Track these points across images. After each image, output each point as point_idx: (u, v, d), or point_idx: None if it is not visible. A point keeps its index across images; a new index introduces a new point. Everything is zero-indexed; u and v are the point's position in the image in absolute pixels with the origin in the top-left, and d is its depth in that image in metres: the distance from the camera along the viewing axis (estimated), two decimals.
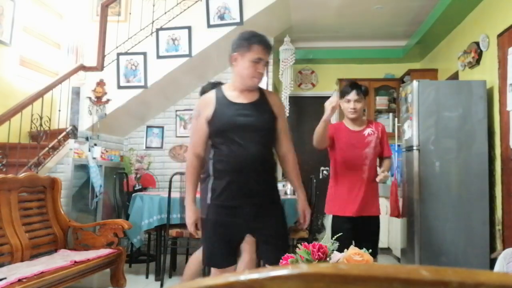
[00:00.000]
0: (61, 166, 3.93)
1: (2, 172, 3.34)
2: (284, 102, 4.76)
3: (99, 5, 4.84)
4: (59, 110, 4.21)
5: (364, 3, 4.45)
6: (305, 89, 6.04)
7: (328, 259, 1.22)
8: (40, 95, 3.87)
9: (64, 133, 4.06)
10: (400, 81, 5.59)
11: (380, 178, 2.62)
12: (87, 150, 4.13)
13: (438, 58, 5.18)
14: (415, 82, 3.72)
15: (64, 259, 2.88)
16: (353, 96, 2.64)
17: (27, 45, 4.96)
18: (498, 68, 3.50)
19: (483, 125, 3.56)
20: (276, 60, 5.06)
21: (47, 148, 3.85)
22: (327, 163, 2.79)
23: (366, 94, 2.74)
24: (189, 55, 4.44)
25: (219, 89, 2.10)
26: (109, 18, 4.72)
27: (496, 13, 3.56)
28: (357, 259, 1.20)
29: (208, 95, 2.10)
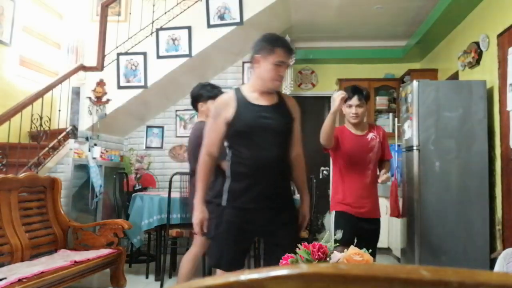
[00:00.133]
0: (61, 166, 3.93)
1: (2, 172, 3.34)
2: None
3: (99, 5, 4.84)
4: (59, 110, 4.21)
5: (364, 3, 4.45)
6: (305, 89, 6.04)
7: (328, 259, 1.22)
8: (40, 95, 3.87)
9: (64, 133, 4.06)
10: (400, 81, 5.59)
11: (383, 180, 2.66)
12: (87, 150, 4.13)
13: (438, 58, 5.18)
14: (415, 82, 3.72)
15: (64, 259, 2.88)
16: (355, 101, 2.63)
17: (27, 45, 4.96)
18: (498, 68, 3.50)
19: (483, 125, 3.56)
20: None
21: (47, 148, 3.85)
22: (327, 163, 2.81)
23: (368, 99, 2.74)
24: (189, 55, 4.44)
25: (238, 90, 2.07)
26: (109, 18, 4.72)
27: (496, 13, 3.56)
28: (357, 259, 1.20)
29: (227, 95, 2.07)
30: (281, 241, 1.98)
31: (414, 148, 3.63)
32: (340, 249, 1.52)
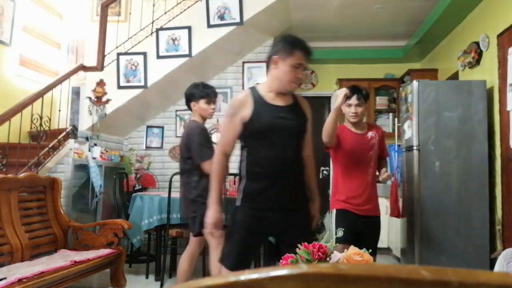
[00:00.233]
0: (61, 166, 3.93)
1: (2, 172, 3.34)
2: None
3: (99, 5, 4.84)
4: (59, 110, 4.21)
5: (364, 3, 4.45)
6: (305, 89, 6.04)
7: (328, 259, 1.22)
8: (40, 95, 3.87)
9: (64, 133, 4.06)
10: (400, 81, 5.59)
11: (384, 178, 2.69)
12: (87, 150, 4.13)
13: (438, 58, 5.18)
14: (415, 82, 3.72)
15: (64, 259, 2.88)
16: (354, 101, 2.64)
17: (27, 45, 4.96)
18: (498, 68, 3.50)
19: (483, 125, 3.56)
20: None
21: (47, 148, 3.85)
22: (327, 163, 2.81)
23: (367, 98, 2.75)
24: (189, 55, 4.44)
25: (254, 89, 2.04)
26: (109, 18, 4.72)
27: (496, 13, 3.56)
28: (357, 259, 1.20)
29: (243, 94, 2.04)
30: (296, 241, 1.97)
31: (414, 148, 3.63)
32: (340, 249, 1.52)
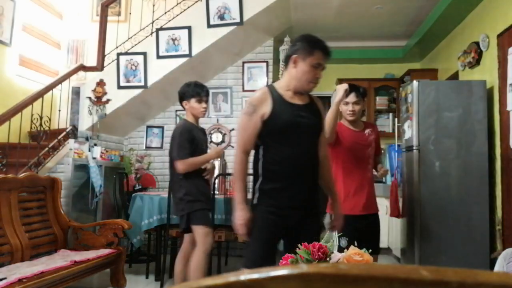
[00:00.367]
0: (61, 166, 3.93)
1: (2, 172, 3.34)
2: None
3: (99, 5, 4.84)
4: (59, 110, 4.21)
5: (364, 3, 4.45)
6: None
7: (328, 259, 1.22)
8: (40, 95, 3.87)
9: (64, 133, 4.06)
10: (400, 81, 5.59)
11: (381, 173, 2.74)
12: (87, 150, 4.13)
13: (438, 58, 5.18)
14: (415, 82, 3.72)
15: (64, 259, 2.89)
16: (352, 99, 2.64)
17: (27, 45, 4.96)
18: (498, 68, 3.50)
19: (483, 125, 3.56)
20: (276, 60, 5.06)
21: (47, 148, 3.85)
22: None
23: (365, 96, 2.75)
24: (189, 55, 4.44)
25: (272, 87, 2.02)
26: (109, 18, 4.72)
27: (496, 13, 3.56)
28: (357, 259, 1.19)
29: (262, 92, 2.00)
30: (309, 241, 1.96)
31: (414, 148, 3.63)
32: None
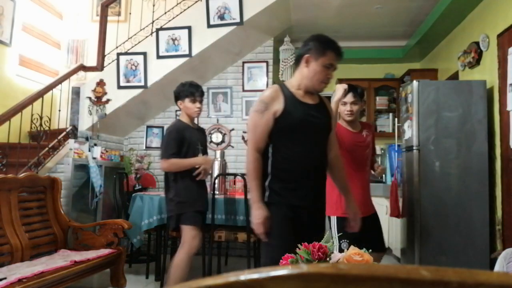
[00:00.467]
0: (61, 166, 3.93)
1: (2, 172, 3.34)
2: None
3: (99, 5, 4.84)
4: (59, 110, 4.21)
5: (364, 3, 4.45)
6: None
7: (328, 259, 1.22)
8: (40, 95, 3.87)
9: (64, 133, 4.06)
10: (400, 81, 5.59)
11: (379, 172, 2.76)
12: (87, 150, 4.13)
13: (438, 58, 5.18)
14: (415, 82, 3.72)
15: (64, 259, 2.88)
16: (350, 99, 2.63)
17: (27, 45, 4.96)
18: (498, 68, 3.50)
19: (483, 125, 3.56)
20: (276, 60, 5.06)
21: (47, 148, 3.85)
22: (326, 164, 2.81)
23: (363, 96, 2.75)
24: (189, 55, 4.44)
25: (284, 86, 2.01)
26: (109, 18, 4.72)
27: (496, 13, 3.56)
28: (357, 259, 1.19)
29: (274, 89, 1.99)
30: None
31: (414, 148, 3.63)
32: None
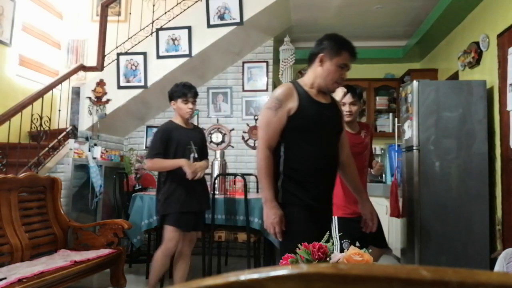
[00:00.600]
0: (61, 166, 3.93)
1: (2, 172, 3.34)
2: None
3: (99, 5, 4.84)
4: (59, 110, 4.21)
5: (364, 3, 4.45)
6: None
7: (328, 259, 1.22)
8: (40, 95, 3.87)
9: (64, 133, 4.06)
10: (400, 81, 5.59)
11: (377, 169, 2.75)
12: (87, 150, 4.13)
13: (438, 58, 5.18)
14: (415, 82, 3.72)
15: (64, 259, 2.89)
16: (348, 99, 2.63)
17: (27, 45, 4.96)
18: (498, 68, 3.50)
19: (483, 125, 3.56)
20: (276, 60, 5.06)
21: (47, 148, 3.85)
22: None
23: (361, 97, 2.75)
24: (189, 55, 4.44)
25: (297, 84, 1.97)
26: (109, 18, 4.72)
27: (496, 13, 3.56)
28: (357, 259, 1.19)
29: (288, 87, 1.94)
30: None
31: (414, 148, 3.63)
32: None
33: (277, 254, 2.11)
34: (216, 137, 5.01)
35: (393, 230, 4.59)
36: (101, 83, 4.52)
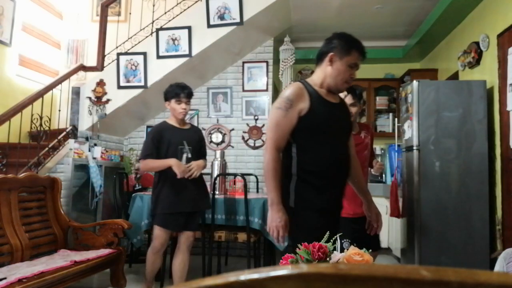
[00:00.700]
0: (61, 166, 3.93)
1: (2, 172, 3.34)
2: None
3: (99, 5, 4.84)
4: (59, 110, 4.22)
5: (364, 3, 4.45)
6: None
7: (328, 259, 1.22)
8: (40, 95, 3.87)
9: (64, 133, 4.06)
10: (400, 81, 5.59)
11: (377, 167, 2.74)
12: (87, 150, 4.13)
13: (438, 58, 5.18)
14: (415, 82, 3.72)
15: (64, 259, 2.89)
16: (349, 100, 2.63)
17: (27, 45, 4.96)
18: (498, 68, 3.50)
19: (483, 125, 3.56)
20: (276, 60, 5.06)
21: (47, 148, 3.85)
22: None
23: (361, 98, 2.75)
24: (189, 55, 4.44)
25: (307, 83, 1.92)
26: (109, 18, 4.72)
27: (496, 13, 3.56)
28: (357, 259, 1.19)
29: (298, 86, 1.89)
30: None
31: (414, 148, 3.63)
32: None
33: (278, 255, 2.09)
34: (216, 137, 5.01)
35: (393, 230, 4.59)
36: (101, 83, 4.52)
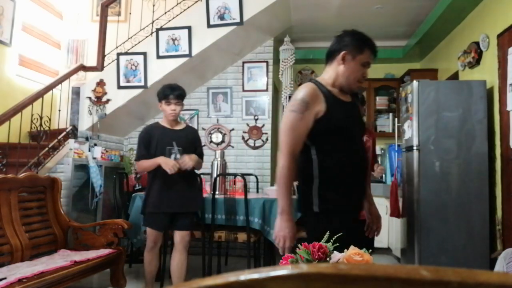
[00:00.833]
0: (61, 166, 3.93)
1: (2, 172, 3.34)
2: (284, 102, 4.77)
3: (99, 5, 4.84)
4: (59, 110, 4.22)
5: (364, 3, 4.45)
6: None
7: (328, 259, 1.22)
8: (40, 95, 3.87)
9: (64, 133, 4.06)
10: (400, 81, 5.59)
11: (378, 171, 2.72)
12: (87, 150, 4.13)
13: (438, 58, 5.18)
14: (415, 82, 3.72)
15: (64, 259, 2.88)
16: None
17: (27, 45, 4.96)
18: (498, 68, 3.50)
19: (483, 125, 3.56)
20: (276, 60, 5.06)
21: (47, 148, 3.85)
22: None
23: (363, 102, 2.74)
24: (189, 55, 4.44)
25: (319, 83, 1.84)
26: (109, 18, 4.72)
27: (496, 13, 3.56)
28: (357, 259, 1.19)
29: (312, 87, 1.81)
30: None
31: (414, 148, 3.63)
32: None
33: (278, 255, 2.06)
34: (216, 137, 5.00)
35: (393, 230, 4.59)
36: (101, 83, 4.52)
